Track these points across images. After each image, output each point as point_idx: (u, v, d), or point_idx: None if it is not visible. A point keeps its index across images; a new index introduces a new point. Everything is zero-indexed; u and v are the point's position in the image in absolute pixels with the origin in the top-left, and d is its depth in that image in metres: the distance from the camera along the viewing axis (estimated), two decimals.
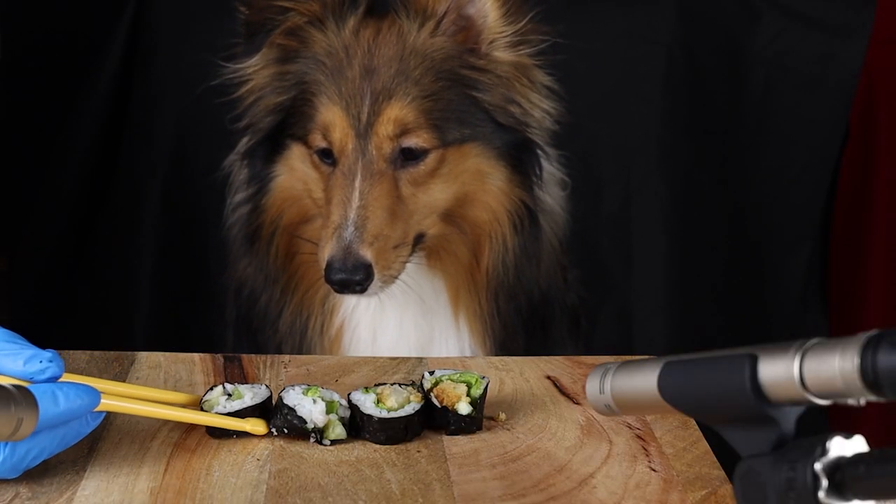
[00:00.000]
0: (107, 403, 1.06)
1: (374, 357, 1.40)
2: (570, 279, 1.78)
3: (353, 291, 1.49)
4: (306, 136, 1.58)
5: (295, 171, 1.61)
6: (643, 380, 0.90)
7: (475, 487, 1.07)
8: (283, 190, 1.63)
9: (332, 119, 1.54)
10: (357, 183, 1.51)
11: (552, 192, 1.68)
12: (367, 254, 1.48)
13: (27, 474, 1.07)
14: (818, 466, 0.76)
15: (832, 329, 2.17)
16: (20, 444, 0.99)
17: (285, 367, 1.33)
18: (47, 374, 1.01)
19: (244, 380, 1.29)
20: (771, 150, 2.10)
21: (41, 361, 1.01)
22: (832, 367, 0.76)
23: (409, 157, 1.54)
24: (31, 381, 1.01)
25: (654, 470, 1.12)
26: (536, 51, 1.59)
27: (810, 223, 2.13)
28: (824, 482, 0.75)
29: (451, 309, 1.63)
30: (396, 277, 1.53)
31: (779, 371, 0.79)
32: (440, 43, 1.56)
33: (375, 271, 1.49)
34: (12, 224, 1.99)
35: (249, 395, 1.18)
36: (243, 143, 1.66)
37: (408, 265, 1.55)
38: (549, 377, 1.33)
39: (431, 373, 1.21)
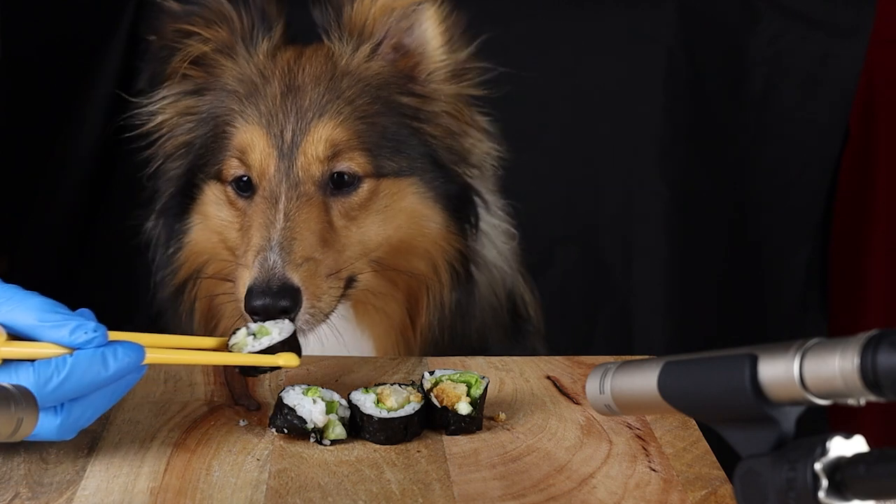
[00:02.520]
0: (148, 357, 1.08)
1: (374, 357, 1.40)
2: (529, 326, 1.64)
3: (279, 320, 1.26)
4: (220, 170, 1.44)
5: (208, 219, 1.48)
6: (643, 380, 0.90)
7: (475, 487, 1.07)
8: (197, 243, 1.50)
9: (250, 139, 1.41)
10: (281, 205, 1.37)
11: (497, 244, 1.56)
12: (294, 277, 1.31)
13: (27, 474, 1.08)
14: (818, 466, 0.76)
15: (832, 329, 2.17)
16: (75, 405, 1.03)
17: None
18: (94, 344, 1.03)
19: (244, 380, 1.29)
20: (771, 150, 2.10)
21: (86, 332, 1.03)
22: (832, 367, 0.76)
23: (341, 184, 1.40)
24: (77, 349, 1.03)
25: (654, 470, 1.12)
26: (478, 83, 1.49)
27: (810, 223, 2.13)
28: (824, 482, 0.75)
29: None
30: (326, 316, 1.36)
31: (779, 371, 0.79)
32: (377, 68, 1.46)
33: (304, 298, 1.31)
34: (12, 224, 1.99)
35: (276, 331, 1.19)
36: (157, 201, 1.54)
37: (333, 319, 1.38)
38: (549, 377, 1.33)
39: (431, 373, 1.21)
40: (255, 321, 1.26)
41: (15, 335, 1.03)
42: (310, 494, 1.06)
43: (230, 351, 1.19)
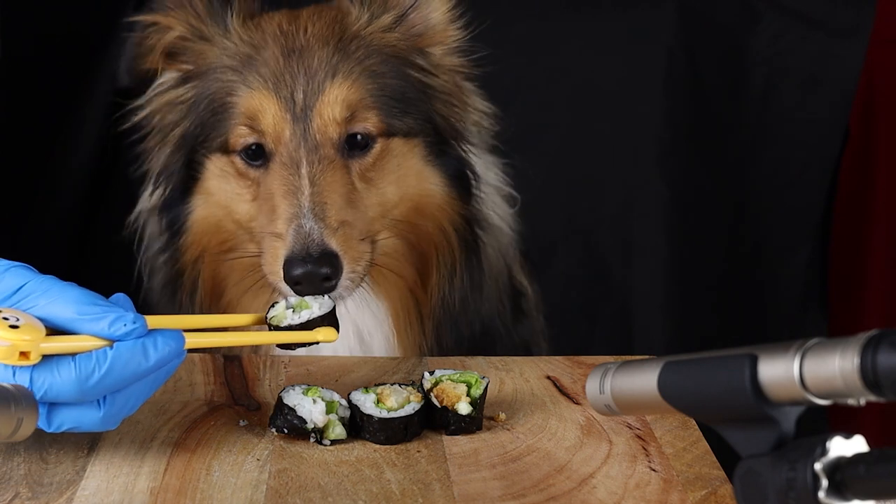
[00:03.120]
0: (189, 342, 1.08)
1: (374, 357, 1.40)
2: (527, 306, 1.64)
3: (319, 290, 1.26)
4: (226, 140, 1.40)
5: (212, 195, 1.44)
6: (643, 380, 0.90)
7: (475, 487, 1.07)
8: (201, 221, 1.45)
9: (258, 104, 1.37)
10: (304, 170, 1.33)
11: (498, 208, 1.55)
12: (333, 242, 1.29)
13: (27, 474, 1.07)
14: (818, 466, 0.76)
15: (832, 329, 2.17)
16: (118, 396, 1.03)
17: (285, 368, 1.33)
18: (134, 336, 1.03)
19: (244, 380, 1.29)
20: (771, 150, 2.10)
21: (125, 324, 1.03)
22: (832, 367, 0.76)
23: (354, 144, 1.38)
24: (117, 340, 1.03)
25: (654, 470, 1.12)
26: (477, 61, 1.49)
27: (810, 223, 2.13)
28: (824, 482, 0.75)
29: (391, 341, 1.47)
30: (362, 280, 1.35)
31: (779, 371, 0.79)
32: (390, 38, 1.43)
33: (344, 263, 1.29)
34: (12, 224, 1.99)
35: (316, 306, 1.20)
36: (154, 198, 1.49)
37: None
38: (549, 377, 1.33)
39: (431, 373, 1.21)
40: (295, 291, 1.26)
41: (54, 328, 1.03)
42: (310, 494, 1.06)
43: (269, 323, 1.19)
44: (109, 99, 2.02)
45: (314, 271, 1.26)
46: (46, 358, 1.01)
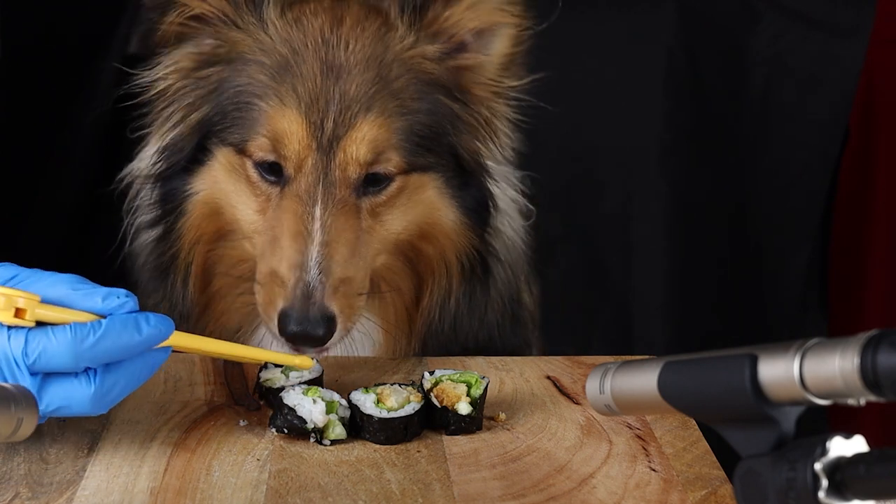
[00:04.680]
0: (177, 340, 1.10)
1: (374, 357, 1.40)
2: (523, 315, 1.59)
3: (309, 346, 1.26)
4: (244, 143, 1.33)
5: (219, 184, 1.38)
6: (643, 380, 0.90)
7: (475, 487, 1.07)
8: (202, 206, 1.39)
9: (288, 125, 1.30)
10: (318, 212, 1.28)
11: (514, 224, 1.50)
12: (333, 304, 1.25)
13: (27, 474, 1.07)
14: (818, 466, 0.76)
15: (832, 329, 2.17)
16: (107, 374, 1.05)
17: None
18: (126, 309, 1.05)
19: (244, 380, 1.29)
20: (771, 150, 2.10)
21: (118, 297, 1.05)
22: (832, 367, 0.76)
23: (372, 182, 1.33)
24: (110, 314, 1.05)
25: (654, 470, 1.12)
26: (516, 109, 1.44)
27: (810, 223, 2.13)
28: (824, 482, 0.75)
29: (375, 351, 1.44)
30: (351, 331, 1.32)
31: (779, 371, 0.79)
32: (432, 67, 1.37)
33: (339, 323, 1.26)
34: (12, 224, 1.99)
35: (306, 371, 1.23)
36: (154, 166, 1.43)
37: None
38: (549, 377, 1.33)
39: (431, 373, 1.21)
40: (285, 342, 1.26)
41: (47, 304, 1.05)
42: (310, 494, 1.06)
43: (261, 385, 1.23)
44: (110, 98, 2.02)
45: (310, 332, 1.24)
46: (42, 325, 1.03)
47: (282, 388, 1.19)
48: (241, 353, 1.21)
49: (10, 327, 1.03)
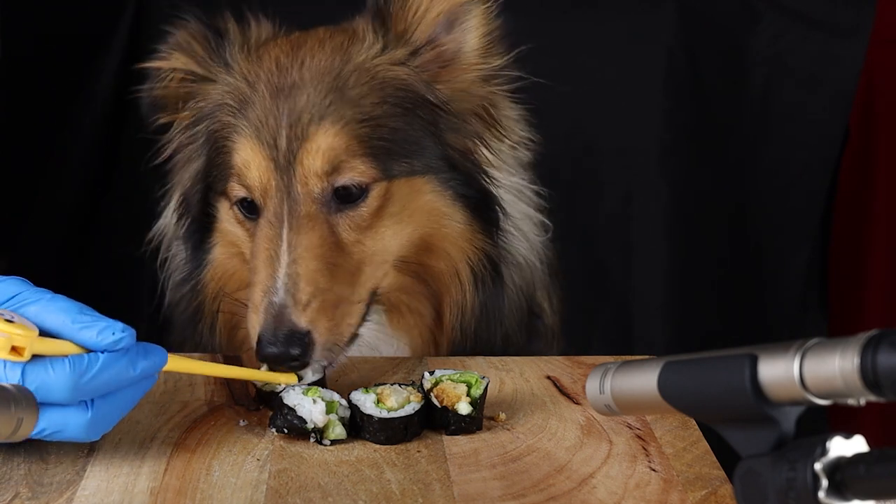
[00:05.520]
0: (169, 365, 1.11)
1: (374, 357, 1.40)
2: (543, 328, 1.57)
3: (292, 368, 1.23)
4: (225, 190, 1.35)
5: (226, 235, 1.40)
6: (643, 380, 0.90)
7: (475, 487, 1.07)
8: (221, 261, 1.42)
9: (245, 156, 1.30)
10: (284, 232, 1.27)
11: (528, 237, 1.47)
12: (302, 320, 1.23)
13: (27, 474, 1.07)
14: (818, 466, 0.76)
15: (832, 329, 2.17)
16: (104, 402, 1.06)
17: None
18: (122, 345, 1.05)
19: (244, 381, 1.29)
20: (771, 150, 2.10)
21: (114, 333, 1.05)
22: (832, 367, 0.76)
23: (347, 198, 1.30)
24: (104, 350, 1.05)
25: (654, 470, 1.12)
26: (510, 88, 1.42)
27: (810, 223, 2.13)
28: (824, 482, 0.75)
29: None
30: (349, 344, 1.29)
31: (779, 371, 0.79)
32: (401, 72, 1.34)
33: (315, 339, 1.23)
34: (12, 224, 1.99)
35: (309, 372, 1.24)
36: (178, 226, 1.47)
37: (367, 326, 1.32)
38: (549, 377, 1.33)
39: (431, 373, 1.21)
40: (269, 367, 1.24)
41: (44, 334, 1.04)
42: (310, 494, 1.06)
43: (260, 390, 1.23)
44: (110, 98, 2.02)
45: (283, 352, 1.22)
46: (37, 358, 1.02)
47: (280, 391, 1.20)
48: (228, 373, 1.22)
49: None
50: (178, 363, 1.13)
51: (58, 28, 1.95)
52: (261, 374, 1.22)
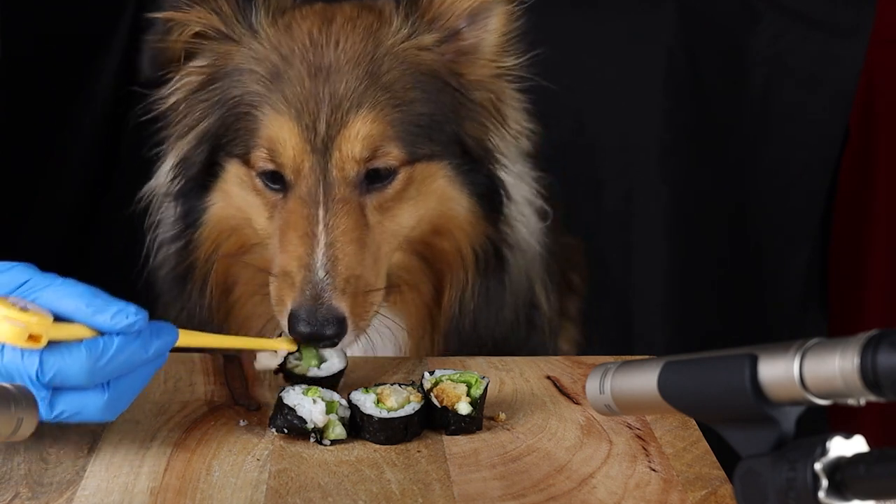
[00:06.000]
0: (181, 338, 1.13)
1: (374, 357, 1.40)
2: (540, 321, 1.59)
3: (320, 346, 1.26)
4: (247, 154, 1.35)
5: (231, 198, 1.40)
6: (643, 380, 0.90)
7: (475, 487, 1.07)
8: (218, 221, 1.42)
9: (280, 133, 1.31)
10: (321, 214, 1.29)
11: (529, 223, 1.51)
12: (342, 304, 1.26)
13: (27, 474, 1.07)
14: (818, 466, 0.76)
15: (832, 329, 2.17)
16: (119, 382, 1.07)
17: None
18: (136, 328, 1.06)
19: (244, 380, 1.29)
20: (771, 150, 2.10)
21: (128, 316, 1.05)
22: (832, 367, 0.76)
23: (376, 178, 1.33)
24: (119, 333, 1.06)
25: (654, 470, 1.12)
26: (519, 86, 1.45)
27: (810, 223, 2.13)
28: (824, 482, 0.75)
29: (401, 353, 1.45)
30: (367, 328, 1.32)
31: (779, 371, 0.79)
32: (429, 57, 1.37)
33: (349, 323, 1.27)
34: (12, 224, 1.99)
35: (337, 361, 1.26)
36: (172, 183, 1.45)
37: None
38: (549, 377, 1.33)
39: (431, 373, 1.21)
40: (298, 342, 1.25)
41: (57, 318, 1.05)
42: (310, 494, 1.06)
43: (288, 370, 1.24)
44: (110, 98, 2.02)
45: (319, 332, 1.25)
46: (53, 343, 1.03)
47: (304, 376, 1.22)
48: (236, 343, 1.23)
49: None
50: (187, 338, 1.14)
51: (58, 28, 1.95)
52: (261, 342, 1.24)
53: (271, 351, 1.24)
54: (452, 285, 1.43)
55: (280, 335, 1.28)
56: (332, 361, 1.25)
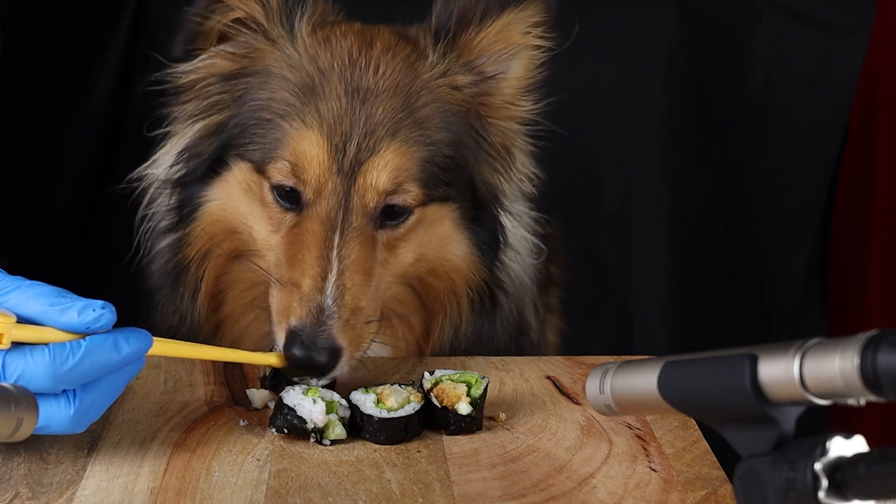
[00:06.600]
0: (154, 349, 1.09)
1: (374, 357, 1.40)
2: (527, 343, 1.57)
3: (310, 373, 1.22)
4: (264, 163, 1.31)
5: (232, 199, 1.36)
6: (643, 380, 0.90)
7: (475, 487, 1.07)
8: (213, 219, 1.38)
9: (309, 148, 1.27)
10: (336, 239, 1.26)
11: (523, 262, 1.49)
12: (341, 337, 1.23)
13: (27, 474, 1.07)
14: (818, 466, 0.76)
15: (832, 329, 2.17)
16: (86, 393, 1.04)
17: None
18: (102, 322, 1.03)
19: (244, 380, 1.29)
20: (771, 150, 2.10)
21: (94, 310, 1.03)
22: (832, 367, 0.76)
23: (390, 215, 1.30)
24: (87, 331, 1.03)
25: (654, 470, 1.12)
26: (530, 132, 1.43)
27: (810, 223, 2.13)
28: (824, 482, 0.76)
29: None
30: (360, 359, 1.30)
31: (779, 371, 0.80)
32: (460, 97, 1.34)
33: (344, 355, 1.24)
34: (12, 223, 1.99)
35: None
36: (173, 170, 1.41)
37: None
38: (549, 377, 1.33)
39: (431, 373, 1.21)
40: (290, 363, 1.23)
41: (24, 321, 1.03)
42: (310, 494, 1.06)
43: (282, 375, 1.23)
44: (110, 98, 2.02)
45: (313, 358, 1.21)
46: (20, 346, 1.01)
47: (295, 382, 1.20)
48: (216, 354, 1.20)
49: None
50: (163, 347, 1.10)
51: (58, 28, 1.95)
52: (247, 356, 1.21)
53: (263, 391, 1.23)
54: (444, 324, 1.41)
55: (272, 349, 1.26)
56: (311, 381, 1.23)
